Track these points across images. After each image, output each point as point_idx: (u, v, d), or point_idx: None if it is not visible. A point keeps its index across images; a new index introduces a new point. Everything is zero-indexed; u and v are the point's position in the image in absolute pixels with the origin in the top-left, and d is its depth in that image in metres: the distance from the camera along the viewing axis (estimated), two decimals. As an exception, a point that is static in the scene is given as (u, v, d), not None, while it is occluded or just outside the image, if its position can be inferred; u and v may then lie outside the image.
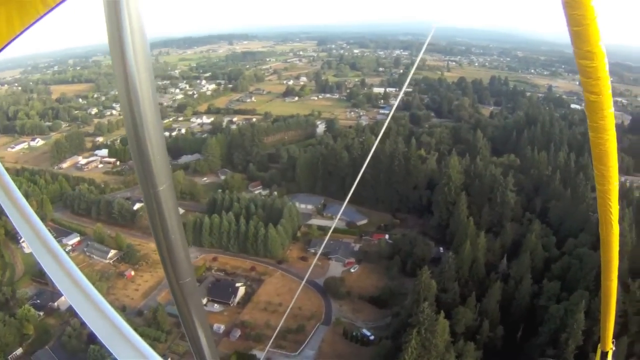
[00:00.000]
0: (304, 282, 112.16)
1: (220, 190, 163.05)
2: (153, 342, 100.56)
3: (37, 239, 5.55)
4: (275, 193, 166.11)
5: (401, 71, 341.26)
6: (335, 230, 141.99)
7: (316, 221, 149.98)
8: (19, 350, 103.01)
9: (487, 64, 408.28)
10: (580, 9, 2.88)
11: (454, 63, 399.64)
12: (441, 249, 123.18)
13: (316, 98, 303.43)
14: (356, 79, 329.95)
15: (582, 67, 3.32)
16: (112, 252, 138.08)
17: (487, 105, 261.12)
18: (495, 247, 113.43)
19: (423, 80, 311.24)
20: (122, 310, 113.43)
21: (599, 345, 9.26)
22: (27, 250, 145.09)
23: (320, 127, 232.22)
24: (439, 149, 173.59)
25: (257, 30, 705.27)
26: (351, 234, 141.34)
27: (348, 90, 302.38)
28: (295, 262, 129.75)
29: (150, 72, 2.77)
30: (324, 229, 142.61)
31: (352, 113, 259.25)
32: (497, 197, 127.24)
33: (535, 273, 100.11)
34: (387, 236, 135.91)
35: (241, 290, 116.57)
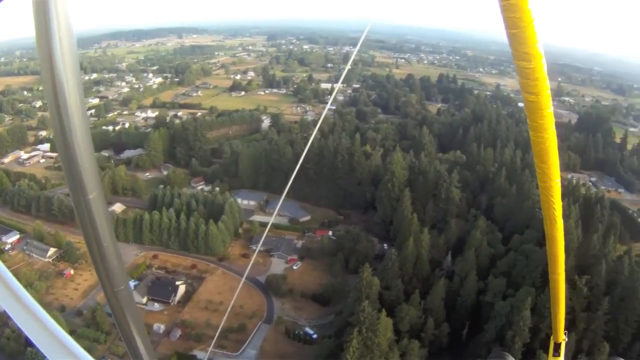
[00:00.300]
0: (243, 278, 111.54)
1: (161, 186, 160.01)
2: (92, 343, 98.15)
3: None
4: (217, 189, 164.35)
5: (350, 67, 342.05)
6: (278, 227, 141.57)
7: (259, 217, 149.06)
8: None
9: (436, 62, 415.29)
10: (517, 12, 2.92)
11: (403, 60, 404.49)
12: (385, 245, 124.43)
13: (263, 93, 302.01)
14: (304, 75, 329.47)
15: (520, 69, 3.33)
16: (52, 251, 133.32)
17: (435, 102, 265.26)
18: (440, 243, 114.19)
19: (371, 77, 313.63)
20: (61, 310, 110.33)
21: (551, 337, 9.40)
22: None
23: (266, 122, 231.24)
24: (384, 145, 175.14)
25: (208, 24, 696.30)
26: (294, 230, 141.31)
27: (295, 86, 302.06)
28: (236, 260, 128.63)
29: (78, 77, 2.71)
30: (266, 226, 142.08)
31: (299, 108, 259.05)
32: (442, 194, 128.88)
33: (480, 270, 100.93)
34: (330, 232, 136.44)
35: (181, 289, 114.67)
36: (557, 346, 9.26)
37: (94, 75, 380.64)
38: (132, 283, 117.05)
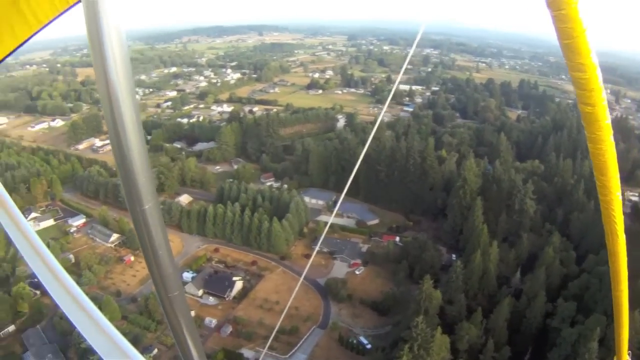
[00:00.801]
0: (301, 279, 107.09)
1: (229, 180, 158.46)
2: (142, 330, 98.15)
3: (23, 238, 5.92)
4: (285, 186, 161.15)
5: (429, 69, 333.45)
6: (344, 229, 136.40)
7: (325, 218, 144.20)
8: (12, 327, 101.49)
9: (517, 67, 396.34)
10: (570, 22, 2.99)
11: (484, 65, 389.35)
12: (453, 256, 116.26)
13: (340, 92, 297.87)
14: (383, 75, 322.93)
15: (576, 79, 3.39)
16: (115, 236, 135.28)
17: (515, 108, 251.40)
18: (510, 258, 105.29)
19: (450, 80, 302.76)
20: (117, 295, 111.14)
21: (615, 358, 9.13)
22: (34, 229, 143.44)
23: (341, 122, 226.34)
24: (459, 150, 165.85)
25: (288, 23, 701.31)
26: (360, 233, 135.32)
27: (373, 86, 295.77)
28: (298, 259, 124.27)
29: (133, 91, 2.77)
30: (332, 227, 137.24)
31: (375, 109, 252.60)
32: (516, 205, 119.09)
33: (550, 290, 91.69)
34: (397, 238, 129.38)
35: (238, 285, 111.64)
36: None
37: (174, 69, 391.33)
38: (189, 275, 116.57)
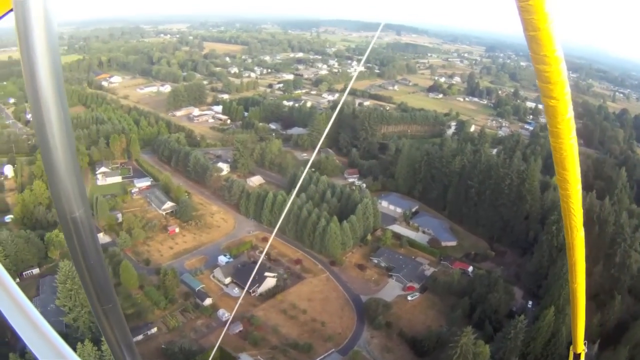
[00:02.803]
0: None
1: (302, 168, 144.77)
2: (152, 305, 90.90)
3: None
4: (364, 185, 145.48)
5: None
6: (413, 244, 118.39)
7: (398, 228, 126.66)
8: (36, 270, 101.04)
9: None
10: (535, 13, 2.99)
11: (621, 95, 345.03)
12: (530, 303, 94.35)
13: (462, 99, 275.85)
14: (511, 89, 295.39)
15: (539, 72, 3.39)
16: (168, 204, 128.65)
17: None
18: (592, 324, 79.80)
19: (581, 105, 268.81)
20: (146, 264, 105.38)
21: (571, 347, 9.45)
22: (99, 182, 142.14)
23: (453, 129, 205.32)
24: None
25: (429, 27, 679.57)
26: (430, 253, 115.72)
27: (497, 98, 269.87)
28: (349, 269, 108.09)
29: (62, 93, 2.57)
30: (400, 239, 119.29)
31: (494, 122, 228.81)
32: (617, 256, 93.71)
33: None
34: (470, 268, 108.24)
35: (269, 282, 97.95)
36: (577, 357, 9.37)
37: (300, 54, 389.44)
38: (224, 259, 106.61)
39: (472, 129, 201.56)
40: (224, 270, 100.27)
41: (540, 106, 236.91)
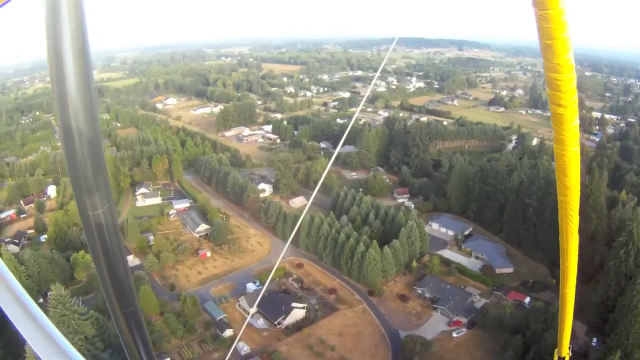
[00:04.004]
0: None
1: (347, 189, 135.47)
2: (170, 333, 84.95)
3: None
4: (412, 206, 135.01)
5: (629, 99, 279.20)
6: (463, 271, 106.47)
7: (448, 253, 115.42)
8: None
9: None
10: (553, 22, 3.01)
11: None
12: (594, 341, 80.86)
13: (524, 112, 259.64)
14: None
15: (551, 80, 3.39)
16: (202, 227, 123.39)
17: None
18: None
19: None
20: (170, 289, 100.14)
21: (555, 351, 9.35)
22: (139, 204, 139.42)
23: (514, 143, 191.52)
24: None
25: (492, 40, 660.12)
26: (482, 282, 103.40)
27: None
28: (390, 300, 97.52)
29: (93, 94, 2.52)
30: (448, 265, 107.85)
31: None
32: None
33: None
34: (527, 299, 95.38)
35: (297, 313, 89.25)
36: None
37: (359, 72, 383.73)
38: (253, 286, 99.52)
39: (534, 142, 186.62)
40: (250, 299, 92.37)
41: (607, 116, 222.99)
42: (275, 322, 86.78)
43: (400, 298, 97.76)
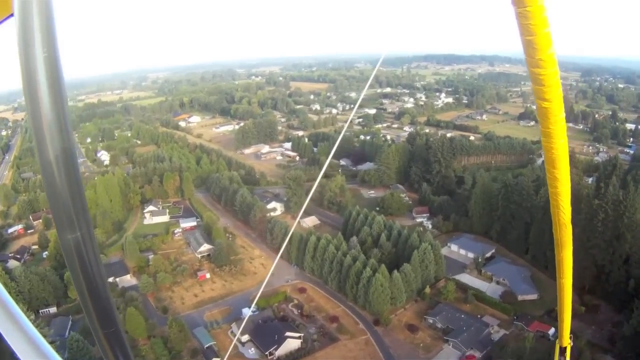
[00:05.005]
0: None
1: (361, 208, 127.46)
2: None
3: None
4: (429, 226, 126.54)
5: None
6: (481, 299, 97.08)
7: (467, 278, 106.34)
8: (53, 309, 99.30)
9: None
10: (533, 19, 3.10)
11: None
12: (626, 380, 70.99)
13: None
14: (609, 112, 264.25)
15: (534, 75, 3.50)
16: (205, 247, 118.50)
17: None
18: None
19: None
20: (163, 312, 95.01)
21: (556, 341, 9.36)
22: (146, 222, 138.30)
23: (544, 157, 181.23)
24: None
25: (523, 55, 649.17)
26: (502, 310, 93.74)
27: (594, 122, 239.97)
28: (397, 330, 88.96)
29: (67, 120, 2.49)
30: (466, 292, 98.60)
31: (591, 147, 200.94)
32: None
33: None
34: (552, 331, 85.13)
35: (290, 343, 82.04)
36: (563, 350, 9.29)
37: (387, 89, 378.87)
38: (248, 311, 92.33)
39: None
40: (242, 326, 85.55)
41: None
42: (267, 353, 79.53)
43: (408, 328, 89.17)
